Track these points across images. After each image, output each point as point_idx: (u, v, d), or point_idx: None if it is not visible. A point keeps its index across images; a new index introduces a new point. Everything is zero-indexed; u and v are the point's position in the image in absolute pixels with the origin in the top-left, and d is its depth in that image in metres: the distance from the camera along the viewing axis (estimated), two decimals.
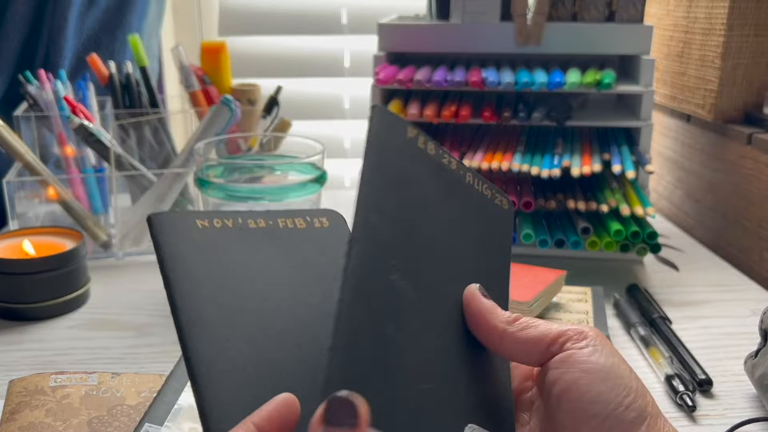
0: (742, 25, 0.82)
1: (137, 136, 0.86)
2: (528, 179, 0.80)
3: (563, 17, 0.81)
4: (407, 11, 1.04)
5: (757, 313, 0.67)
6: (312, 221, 0.40)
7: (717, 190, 0.88)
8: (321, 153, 0.69)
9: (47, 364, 0.59)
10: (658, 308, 0.67)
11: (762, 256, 0.79)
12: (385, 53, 0.82)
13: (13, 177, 0.79)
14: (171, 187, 0.78)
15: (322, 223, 0.40)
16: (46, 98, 0.82)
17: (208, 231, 0.37)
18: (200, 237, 0.36)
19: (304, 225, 0.39)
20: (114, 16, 0.99)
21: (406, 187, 0.35)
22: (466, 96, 0.82)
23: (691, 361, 0.58)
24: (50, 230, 0.73)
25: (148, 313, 0.68)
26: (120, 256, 0.80)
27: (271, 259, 0.37)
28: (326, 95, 1.21)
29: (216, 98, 0.88)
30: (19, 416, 0.48)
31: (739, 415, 0.52)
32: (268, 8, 1.16)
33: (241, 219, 0.38)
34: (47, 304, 0.66)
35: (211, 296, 0.34)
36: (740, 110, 0.85)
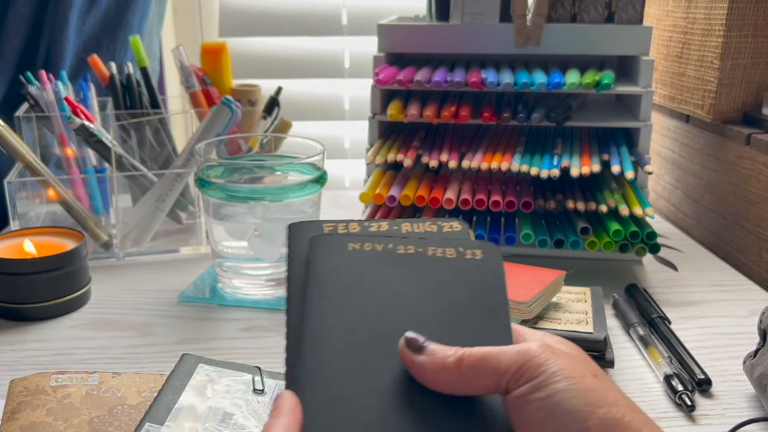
0: (741, 25, 0.82)
1: (138, 136, 0.86)
2: (527, 179, 0.80)
3: (562, 18, 0.81)
4: (407, 12, 1.04)
5: (756, 313, 0.67)
6: (464, 252, 0.40)
7: (716, 190, 0.88)
8: (321, 153, 0.69)
9: (48, 363, 0.59)
10: (657, 308, 0.67)
11: (761, 256, 0.79)
12: (385, 54, 0.82)
13: (14, 177, 0.79)
14: (172, 187, 0.78)
15: (474, 255, 0.40)
16: (47, 99, 0.83)
17: (356, 253, 0.39)
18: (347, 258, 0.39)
19: (454, 255, 0.40)
20: (115, 17, 0.99)
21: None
22: (465, 96, 0.83)
23: (690, 361, 0.58)
24: (51, 230, 0.73)
25: (148, 313, 0.68)
26: (121, 256, 0.80)
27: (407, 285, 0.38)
28: (326, 96, 1.21)
29: (216, 99, 0.89)
30: (20, 416, 0.48)
31: (738, 415, 0.53)
32: (269, 9, 1.17)
33: (392, 244, 0.40)
34: (48, 304, 0.66)
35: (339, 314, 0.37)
36: (739, 111, 0.86)
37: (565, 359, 0.33)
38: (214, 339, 0.63)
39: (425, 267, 0.39)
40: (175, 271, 0.78)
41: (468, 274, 0.39)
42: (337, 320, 0.36)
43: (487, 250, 0.40)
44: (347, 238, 0.40)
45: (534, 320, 0.58)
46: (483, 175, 0.81)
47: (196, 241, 0.83)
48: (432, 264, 0.40)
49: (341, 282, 0.38)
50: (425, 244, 0.40)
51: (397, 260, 0.39)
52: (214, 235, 0.70)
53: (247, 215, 0.69)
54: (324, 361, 0.35)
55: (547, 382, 0.32)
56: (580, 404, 0.32)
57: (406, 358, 0.34)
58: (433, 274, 0.39)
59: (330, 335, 0.36)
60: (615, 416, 0.32)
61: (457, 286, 0.39)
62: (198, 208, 0.84)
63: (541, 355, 0.33)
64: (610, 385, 0.34)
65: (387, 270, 0.39)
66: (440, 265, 0.39)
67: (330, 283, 0.38)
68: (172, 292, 0.73)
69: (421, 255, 0.40)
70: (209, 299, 0.71)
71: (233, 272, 0.70)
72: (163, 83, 1.17)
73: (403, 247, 0.40)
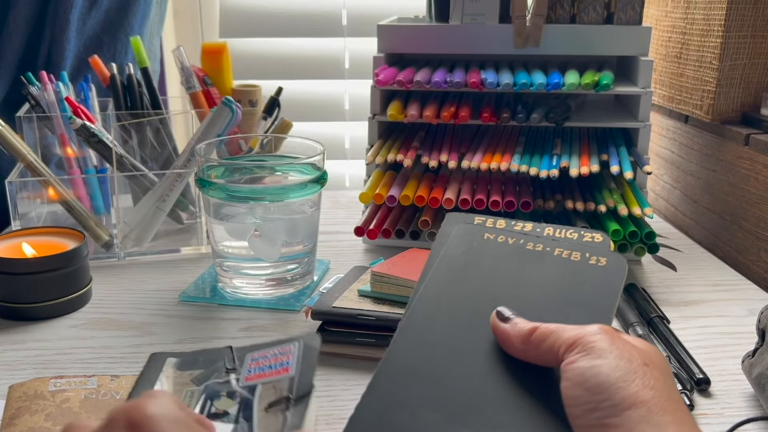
0: (740, 26, 0.82)
1: (139, 136, 0.86)
2: (527, 179, 0.80)
3: (562, 19, 0.81)
4: (407, 13, 1.04)
5: (755, 313, 0.67)
6: (589, 257, 0.43)
7: (715, 190, 0.88)
8: (321, 154, 0.70)
9: (49, 363, 0.59)
10: (656, 308, 0.67)
11: (759, 256, 0.79)
12: (384, 55, 0.82)
13: (15, 177, 0.79)
14: (172, 187, 0.78)
15: (598, 261, 0.43)
16: (48, 99, 0.83)
17: (489, 242, 0.44)
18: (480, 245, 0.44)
19: (579, 258, 0.43)
20: (115, 18, 1.00)
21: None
22: (465, 97, 0.83)
23: (689, 361, 0.58)
24: (52, 230, 0.73)
25: (149, 312, 0.68)
26: (121, 256, 0.80)
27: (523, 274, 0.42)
28: (327, 96, 1.21)
29: (217, 99, 0.89)
30: (18, 421, 0.48)
31: (737, 414, 0.53)
32: (269, 10, 1.17)
33: (523, 240, 0.44)
34: (49, 304, 0.67)
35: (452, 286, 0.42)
36: (738, 111, 0.86)
37: (621, 343, 0.36)
38: (214, 339, 0.64)
39: (547, 263, 0.43)
40: (176, 271, 0.78)
41: (586, 277, 0.42)
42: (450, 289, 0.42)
43: (613, 261, 0.43)
44: (487, 230, 0.45)
45: None
46: (482, 175, 0.82)
47: (197, 241, 0.84)
48: (554, 262, 0.43)
49: (467, 262, 0.43)
50: (554, 245, 0.44)
51: (523, 253, 0.43)
52: (214, 235, 0.70)
53: (248, 215, 0.69)
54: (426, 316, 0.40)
55: (594, 355, 0.35)
56: (617, 379, 0.34)
57: (494, 325, 0.40)
58: (552, 270, 0.42)
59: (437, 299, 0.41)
60: (641, 397, 0.34)
61: (571, 285, 0.42)
62: (198, 209, 0.85)
63: (597, 334, 0.37)
64: (657, 375, 0.35)
65: (510, 259, 0.43)
66: (562, 264, 0.43)
67: (457, 261, 0.43)
68: (172, 291, 0.73)
69: (547, 253, 0.43)
70: (210, 299, 0.71)
71: (234, 272, 0.71)
72: (163, 84, 1.17)
73: (533, 244, 0.44)
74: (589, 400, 0.34)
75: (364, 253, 0.83)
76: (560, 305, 0.41)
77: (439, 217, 0.80)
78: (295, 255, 0.71)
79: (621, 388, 0.34)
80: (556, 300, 0.41)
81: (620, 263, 0.43)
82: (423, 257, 0.65)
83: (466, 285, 0.42)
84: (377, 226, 0.78)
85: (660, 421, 0.33)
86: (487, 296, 0.41)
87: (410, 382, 0.38)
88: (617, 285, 0.42)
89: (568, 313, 0.40)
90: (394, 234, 0.78)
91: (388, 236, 0.77)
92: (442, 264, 0.43)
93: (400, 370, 0.38)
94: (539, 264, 0.43)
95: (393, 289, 0.61)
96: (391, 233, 0.77)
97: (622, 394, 0.34)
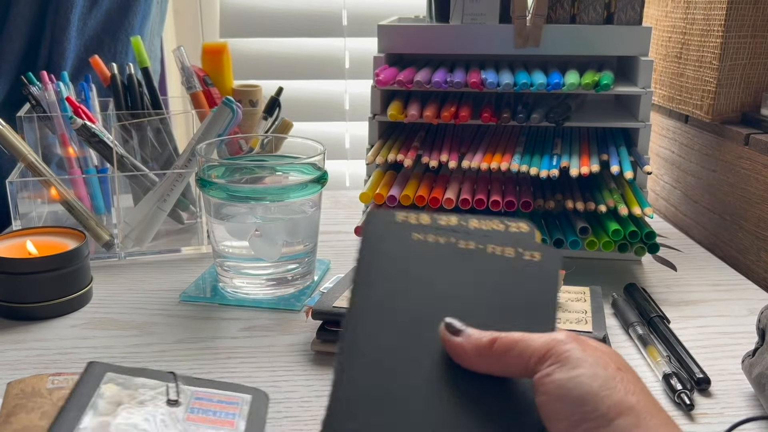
0: (740, 26, 0.82)
1: (139, 136, 0.86)
2: (527, 179, 0.80)
3: (562, 19, 0.81)
4: (407, 13, 1.04)
5: (755, 313, 0.67)
6: (522, 253, 0.42)
7: (715, 190, 0.88)
8: (322, 154, 0.70)
9: (50, 363, 0.59)
10: (656, 307, 0.67)
11: (759, 256, 0.79)
12: (385, 54, 0.82)
13: (15, 177, 0.79)
14: (173, 187, 0.78)
15: (532, 257, 0.42)
16: (49, 99, 0.83)
17: (418, 243, 0.42)
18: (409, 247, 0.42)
19: (513, 254, 0.42)
20: (116, 18, 1.00)
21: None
22: (465, 97, 0.83)
23: (689, 360, 0.58)
24: (53, 230, 0.73)
25: (150, 312, 0.68)
26: (122, 256, 0.80)
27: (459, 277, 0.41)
28: (327, 96, 1.21)
29: (217, 99, 0.89)
30: (14, 419, 0.48)
31: (737, 414, 0.53)
32: (269, 10, 1.17)
33: (454, 238, 0.42)
34: (50, 304, 0.67)
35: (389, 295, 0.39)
36: (738, 111, 0.86)
37: (592, 350, 0.35)
38: (214, 338, 0.64)
39: (482, 263, 0.41)
40: (177, 271, 0.78)
41: (522, 275, 0.41)
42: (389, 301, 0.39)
43: (547, 254, 0.42)
44: (413, 228, 0.42)
45: None
46: (483, 175, 0.82)
47: (197, 241, 0.84)
48: (489, 261, 0.41)
49: (400, 268, 0.41)
50: (486, 242, 0.42)
51: (457, 253, 0.41)
52: (215, 235, 0.70)
53: (248, 215, 0.69)
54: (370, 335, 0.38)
55: (570, 366, 0.34)
56: (599, 388, 0.34)
57: (445, 340, 0.37)
58: (488, 270, 0.41)
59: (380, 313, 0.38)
60: (627, 403, 0.33)
61: (509, 284, 0.40)
62: (199, 208, 0.85)
63: (568, 342, 0.35)
64: (633, 378, 0.35)
65: (444, 261, 0.41)
66: (497, 263, 0.41)
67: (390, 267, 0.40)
68: (173, 291, 0.73)
69: (481, 251, 0.42)
70: (210, 299, 0.71)
71: (234, 272, 0.71)
72: (164, 84, 1.17)
73: (465, 242, 0.42)
74: (574, 412, 0.33)
75: None
76: (501, 308, 0.40)
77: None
78: (296, 255, 0.71)
79: (606, 396, 0.33)
80: (496, 302, 0.40)
81: (554, 256, 0.42)
82: None
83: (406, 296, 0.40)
84: None
85: (650, 425, 0.33)
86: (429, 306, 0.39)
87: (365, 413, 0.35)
88: (554, 280, 0.41)
89: (511, 317, 0.39)
90: None
91: None
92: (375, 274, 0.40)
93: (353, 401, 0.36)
94: (475, 265, 0.41)
95: None
96: None
97: (608, 403, 0.33)
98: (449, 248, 0.42)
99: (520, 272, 0.41)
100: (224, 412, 0.47)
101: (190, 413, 0.46)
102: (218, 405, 0.48)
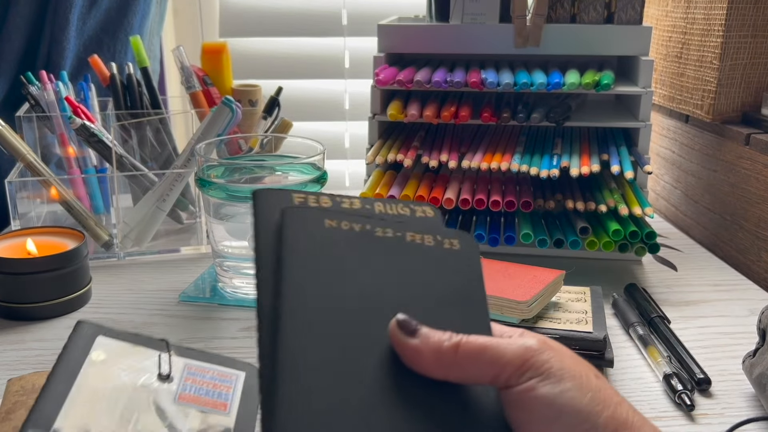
0: (740, 26, 0.82)
1: (138, 136, 0.86)
2: (527, 179, 0.80)
3: (562, 19, 0.81)
4: (407, 13, 1.04)
5: (755, 313, 0.67)
6: (442, 241, 0.39)
7: (715, 190, 0.88)
8: (321, 153, 0.70)
9: (49, 363, 0.59)
10: (656, 308, 0.67)
11: (760, 255, 0.79)
12: (385, 54, 0.82)
13: (15, 177, 0.79)
14: (172, 187, 0.78)
15: (452, 245, 0.39)
16: (48, 99, 0.83)
17: (333, 231, 0.37)
18: (324, 236, 0.37)
19: (432, 243, 0.39)
20: (115, 17, 1.00)
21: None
22: (465, 97, 0.83)
23: (690, 361, 0.58)
24: (52, 230, 0.73)
25: (149, 312, 0.68)
26: (121, 256, 0.80)
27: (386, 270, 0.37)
28: (327, 96, 1.21)
29: (217, 99, 0.89)
30: (14, 416, 0.48)
31: (737, 414, 0.53)
32: (269, 9, 1.17)
33: (369, 225, 0.38)
34: (49, 304, 0.67)
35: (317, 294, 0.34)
36: (738, 111, 0.86)
37: (567, 358, 0.33)
38: (214, 338, 0.64)
39: (404, 253, 0.38)
40: (176, 271, 0.78)
41: (447, 264, 0.38)
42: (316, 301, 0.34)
43: (463, 241, 0.39)
44: (324, 213, 0.38)
45: (534, 320, 0.59)
46: (483, 175, 0.82)
47: (197, 240, 0.84)
48: (411, 250, 0.38)
49: (319, 261, 0.36)
50: (403, 229, 0.39)
51: (376, 243, 0.38)
52: (214, 235, 0.70)
53: (248, 215, 0.69)
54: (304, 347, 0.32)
55: (555, 380, 0.32)
56: (589, 404, 0.32)
57: (397, 341, 0.33)
58: (412, 261, 0.38)
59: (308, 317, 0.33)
60: (621, 416, 0.32)
61: (437, 276, 0.37)
62: (198, 208, 0.85)
63: (544, 351, 0.33)
64: (610, 386, 0.34)
65: (366, 252, 0.37)
66: (419, 252, 0.38)
67: (306, 260, 0.35)
68: (172, 291, 0.73)
69: (400, 240, 0.38)
70: (210, 299, 0.71)
71: (234, 272, 0.71)
72: (163, 83, 1.17)
73: (381, 230, 0.38)
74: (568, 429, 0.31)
75: None
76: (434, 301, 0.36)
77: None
78: None
79: (600, 410, 0.32)
80: (428, 295, 0.36)
81: (470, 242, 0.39)
82: None
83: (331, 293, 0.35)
84: None
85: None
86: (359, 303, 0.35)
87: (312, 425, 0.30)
88: (477, 267, 0.38)
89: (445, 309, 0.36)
90: None
91: None
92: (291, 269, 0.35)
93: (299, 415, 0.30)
94: (398, 256, 0.38)
95: None
96: None
97: (604, 416, 0.32)
98: (367, 236, 0.38)
99: (443, 261, 0.38)
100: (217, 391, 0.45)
101: (182, 391, 0.44)
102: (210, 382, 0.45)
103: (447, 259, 0.38)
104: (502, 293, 0.57)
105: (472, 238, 0.40)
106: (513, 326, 0.56)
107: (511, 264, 0.64)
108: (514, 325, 0.57)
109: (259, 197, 0.38)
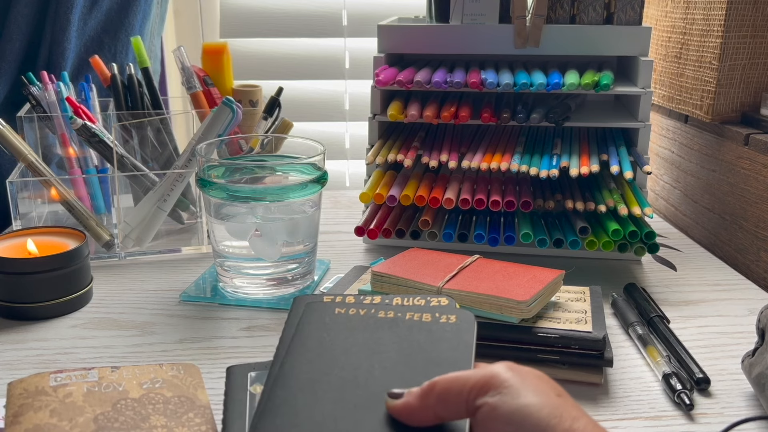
0: (740, 26, 0.82)
1: (139, 136, 0.86)
2: (527, 179, 0.80)
3: (562, 19, 0.82)
4: (407, 13, 1.04)
5: (755, 313, 0.67)
6: (439, 317, 0.45)
7: (714, 190, 0.88)
8: (322, 153, 0.70)
9: (50, 363, 0.59)
10: (655, 307, 0.67)
11: (759, 255, 0.79)
12: (385, 55, 0.83)
13: (16, 177, 0.79)
14: (173, 187, 0.78)
15: (448, 319, 0.45)
16: (49, 99, 0.83)
17: (340, 316, 0.45)
18: (331, 320, 0.45)
19: (429, 319, 0.45)
20: (116, 18, 1.00)
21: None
22: (465, 97, 0.83)
23: (689, 360, 0.58)
24: (53, 230, 0.73)
25: (150, 312, 0.69)
26: (122, 256, 0.81)
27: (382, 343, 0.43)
28: (327, 96, 1.21)
29: (218, 99, 0.89)
30: (23, 419, 0.48)
31: (737, 414, 0.53)
32: (269, 10, 1.17)
33: (374, 309, 0.46)
34: (50, 304, 0.67)
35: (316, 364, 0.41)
36: (737, 111, 0.86)
37: (531, 377, 0.36)
38: (215, 338, 0.64)
39: (400, 327, 0.44)
40: (177, 271, 0.78)
41: (440, 335, 0.43)
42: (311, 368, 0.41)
43: (461, 317, 0.45)
44: (336, 304, 0.46)
45: (533, 319, 0.59)
46: (483, 175, 0.82)
47: (198, 240, 0.84)
48: (407, 325, 0.44)
49: (321, 339, 0.43)
50: (405, 310, 0.45)
51: (376, 322, 0.44)
52: (215, 235, 0.71)
53: (248, 215, 0.69)
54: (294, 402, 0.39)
55: (515, 395, 0.35)
56: (548, 416, 0.34)
57: (391, 407, 0.38)
58: (406, 334, 0.44)
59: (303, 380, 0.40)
60: (578, 430, 0.34)
61: (428, 343, 0.43)
62: (199, 208, 0.85)
63: (506, 372, 0.36)
64: (572, 403, 0.36)
65: (364, 330, 0.44)
66: (414, 327, 0.44)
67: (311, 339, 0.43)
68: (173, 291, 0.73)
69: (399, 319, 0.45)
70: (210, 299, 0.71)
71: (234, 272, 0.71)
72: (164, 84, 1.17)
73: (384, 312, 0.45)
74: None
75: (364, 253, 0.83)
76: (421, 365, 0.41)
77: (440, 216, 0.80)
78: (296, 255, 0.71)
79: (556, 424, 0.34)
80: (417, 361, 0.42)
81: (469, 318, 0.45)
82: (424, 257, 0.66)
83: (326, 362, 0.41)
84: (377, 226, 0.78)
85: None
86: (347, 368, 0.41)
87: None
88: (470, 338, 0.43)
89: (430, 372, 0.40)
90: (395, 234, 0.78)
91: (388, 236, 0.78)
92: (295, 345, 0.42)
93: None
94: (393, 330, 0.44)
95: (393, 289, 0.61)
96: (391, 233, 0.78)
97: (561, 429, 0.34)
98: (369, 318, 0.45)
99: (437, 332, 0.43)
100: None
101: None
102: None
103: (441, 331, 0.44)
104: (502, 293, 0.57)
105: (471, 315, 0.45)
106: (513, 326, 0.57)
107: (511, 264, 0.64)
108: (514, 324, 0.57)
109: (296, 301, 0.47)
